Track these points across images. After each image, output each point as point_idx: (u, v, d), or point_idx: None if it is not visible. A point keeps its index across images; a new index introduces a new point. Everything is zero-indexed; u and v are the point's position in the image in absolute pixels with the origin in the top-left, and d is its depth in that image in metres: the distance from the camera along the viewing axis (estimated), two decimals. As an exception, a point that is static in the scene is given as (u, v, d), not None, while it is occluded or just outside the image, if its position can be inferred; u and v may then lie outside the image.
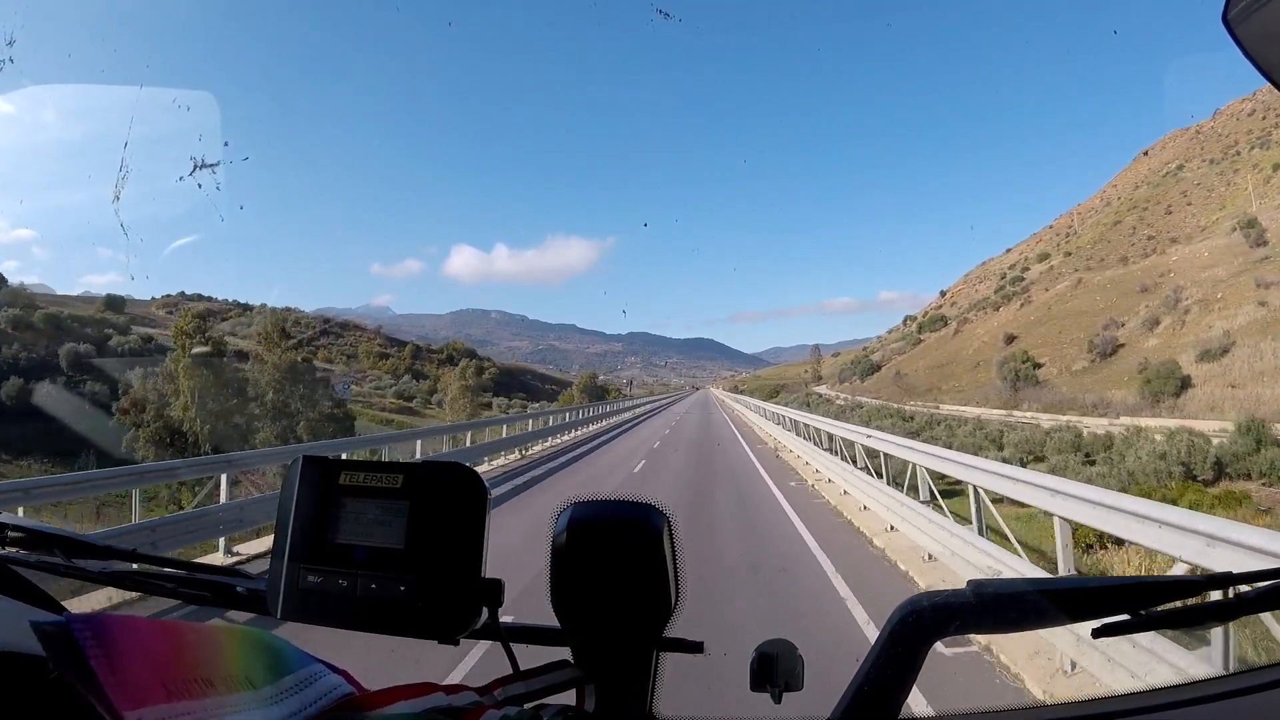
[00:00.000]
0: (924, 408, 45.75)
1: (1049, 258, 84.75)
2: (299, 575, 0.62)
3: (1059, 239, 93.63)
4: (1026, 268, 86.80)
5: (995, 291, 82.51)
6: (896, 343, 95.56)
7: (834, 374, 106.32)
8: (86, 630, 0.42)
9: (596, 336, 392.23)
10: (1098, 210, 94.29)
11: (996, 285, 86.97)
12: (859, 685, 0.57)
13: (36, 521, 0.83)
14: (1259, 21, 0.56)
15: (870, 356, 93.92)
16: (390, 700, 0.55)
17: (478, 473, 0.64)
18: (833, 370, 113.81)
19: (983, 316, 75.08)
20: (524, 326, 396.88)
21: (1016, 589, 0.60)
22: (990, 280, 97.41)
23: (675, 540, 0.69)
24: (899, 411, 40.21)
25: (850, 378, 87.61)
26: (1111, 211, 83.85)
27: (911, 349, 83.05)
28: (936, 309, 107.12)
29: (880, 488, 8.73)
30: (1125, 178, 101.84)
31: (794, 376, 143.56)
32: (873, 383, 75.63)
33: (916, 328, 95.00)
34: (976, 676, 4.13)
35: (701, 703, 3.31)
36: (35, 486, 6.75)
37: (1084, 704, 0.61)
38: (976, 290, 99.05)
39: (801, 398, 67.31)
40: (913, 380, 63.28)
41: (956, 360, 62.38)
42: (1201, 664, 2.99)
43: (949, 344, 71.87)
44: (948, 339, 75.42)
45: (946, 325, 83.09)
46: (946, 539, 6.03)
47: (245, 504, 8.05)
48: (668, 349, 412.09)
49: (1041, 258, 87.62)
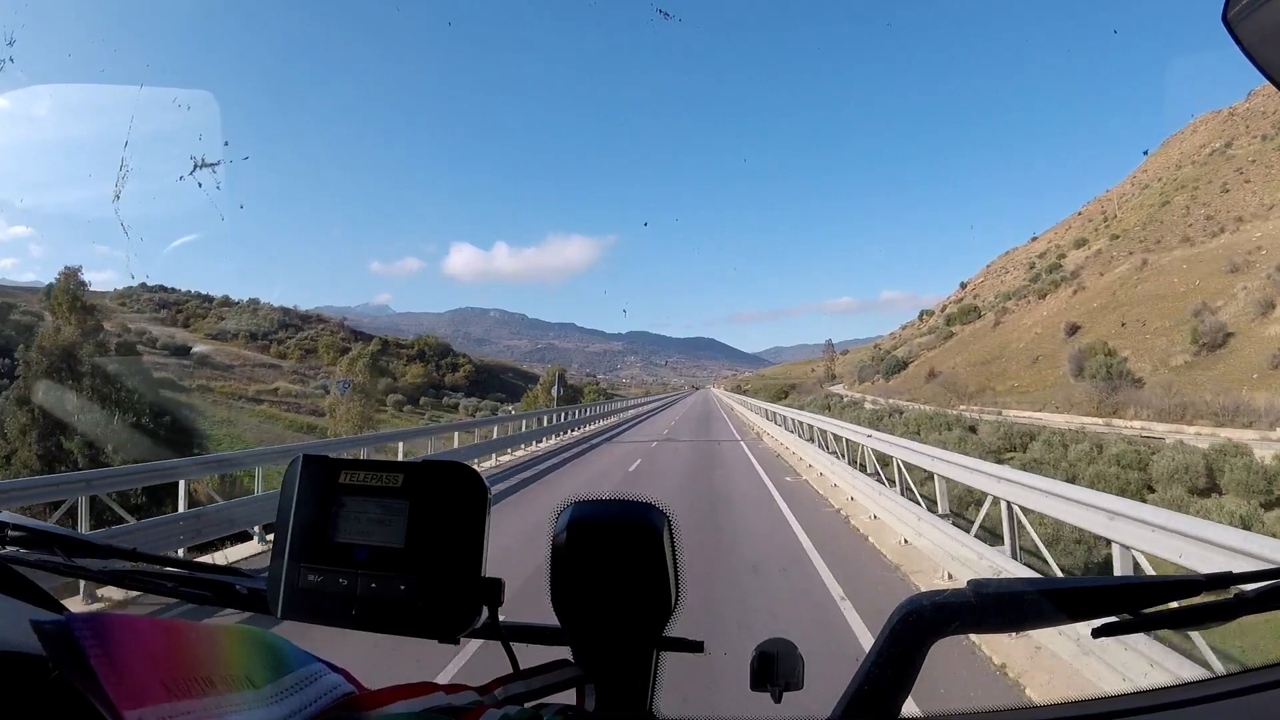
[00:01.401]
0: (983, 413, 35.83)
1: (1087, 243, 77.48)
2: (299, 574, 0.62)
3: (1094, 224, 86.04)
4: (1063, 254, 79.17)
5: (1030, 280, 75.02)
6: (922, 337, 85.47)
7: (849, 372, 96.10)
8: (87, 629, 0.42)
9: (596, 335, 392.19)
10: (1133, 193, 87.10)
11: (1028, 274, 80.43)
12: (859, 684, 0.57)
13: (36, 520, 0.83)
14: (1259, 21, 0.56)
15: (893, 352, 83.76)
16: (390, 699, 0.55)
17: (478, 472, 0.64)
18: (847, 368, 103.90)
19: (1025, 306, 67.27)
20: (523, 325, 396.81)
21: (1016, 589, 0.60)
22: (1017, 270, 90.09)
23: (675, 539, 0.69)
24: (958, 419, 29.47)
25: (872, 376, 77.68)
26: (1155, 193, 76.43)
27: (943, 344, 74.04)
28: (957, 300, 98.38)
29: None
30: (1157, 161, 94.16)
31: (800, 375, 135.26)
32: (900, 382, 66.31)
33: (945, 320, 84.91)
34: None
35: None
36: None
37: (1084, 704, 0.61)
38: (1002, 281, 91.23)
39: (819, 399, 59.10)
40: (954, 379, 53.97)
41: (1005, 355, 54.17)
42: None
43: (989, 337, 63.40)
44: (986, 331, 67.01)
45: (980, 317, 74.94)
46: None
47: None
48: (668, 348, 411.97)
49: (1079, 243, 79.90)
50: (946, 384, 52.65)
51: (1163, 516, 3.72)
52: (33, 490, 6.63)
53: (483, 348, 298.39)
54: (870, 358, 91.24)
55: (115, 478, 7.15)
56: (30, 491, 6.55)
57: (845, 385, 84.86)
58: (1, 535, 0.78)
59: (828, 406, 46.41)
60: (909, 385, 61.13)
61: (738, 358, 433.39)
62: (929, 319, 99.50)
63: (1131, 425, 28.99)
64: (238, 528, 7.67)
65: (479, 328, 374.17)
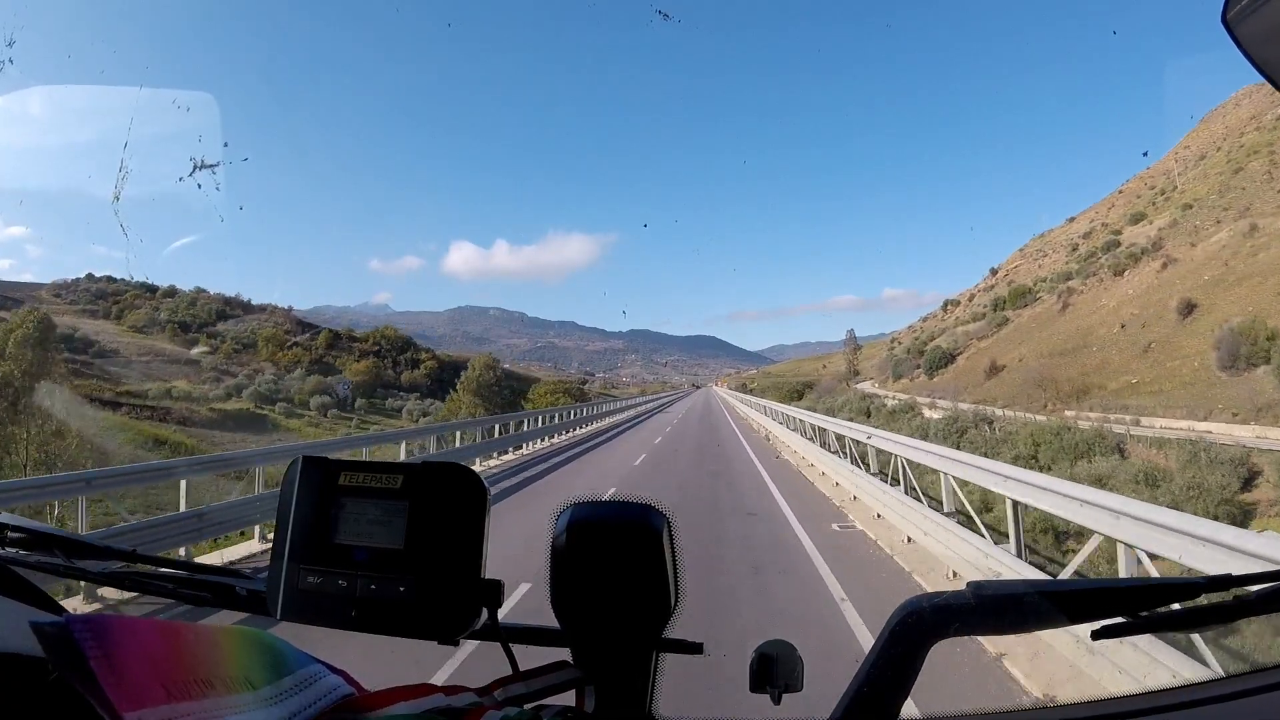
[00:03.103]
0: (1106, 420, 25.77)
1: (1146, 217, 67.12)
2: (299, 576, 0.63)
3: (1146, 199, 75.97)
4: (1117, 231, 68.65)
5: (1083, 260, 64.01)
6: (965, 325, 69.90)
7: (876, 368, 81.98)
8: (86, 631, 0.42)
9: (597, 334, 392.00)
10: (1186, 164, 77.05)
11: (1073, 255, 70.61)
12: (858, 686, 0.57)
13: (36, 522, 0.83)
14: (1258, 21, 0.56)
15: (926, 345, 69.76)
16: (390, 701, 0.55)
17: (477, 473, 0.64)
18: (870, 363, 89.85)
19: (1097, 286, 56.15)
20: (523, 324, 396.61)
21: (1016, 590, 0.60)
22: (1057, 252, 79.60)
23: (675, 541, 0.69)
24: (1099, 437, 19.28)
25: (909, 372, 64.33)
26: (1221, 161, 68.66)
27: (995, 332, 61.22)
28: (988, 288, 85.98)
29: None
30: (1201, 136, 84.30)
31: (811, 372, 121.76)
32: (951, 377, 54.04)
33: (991, 305, 70.04)
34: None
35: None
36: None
37: (1084, 705, 0.61)
38: (1040, 265, 79.93)
39: (853, 400, 47.46)
40: (1025, 374, 41.88)
41: (1093, 343, 43.28)
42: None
43: (1059, 322, 52.16)
44: (1052, 316, 55.12)
45: (1036, 301, 62.58)
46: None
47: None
48: (669, 346, 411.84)
49: (1135, 219, 68.78)
50: (1038, 380, 38.92)
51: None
52: (33, 490, 6.67)
53: (482, 346, 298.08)
54: (906, 350, 74.32)
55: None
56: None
57: (877, 383, 70.32)
58: (1, 536, 0.78)
59: (867, 411, 36.79)
60: (962, 381, 49.04)
61: (740, 356, 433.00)
62: (954, 309, 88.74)
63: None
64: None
65: (478, 326, 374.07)
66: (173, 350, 63.54)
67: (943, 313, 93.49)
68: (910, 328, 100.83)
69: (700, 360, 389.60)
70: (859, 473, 10.81)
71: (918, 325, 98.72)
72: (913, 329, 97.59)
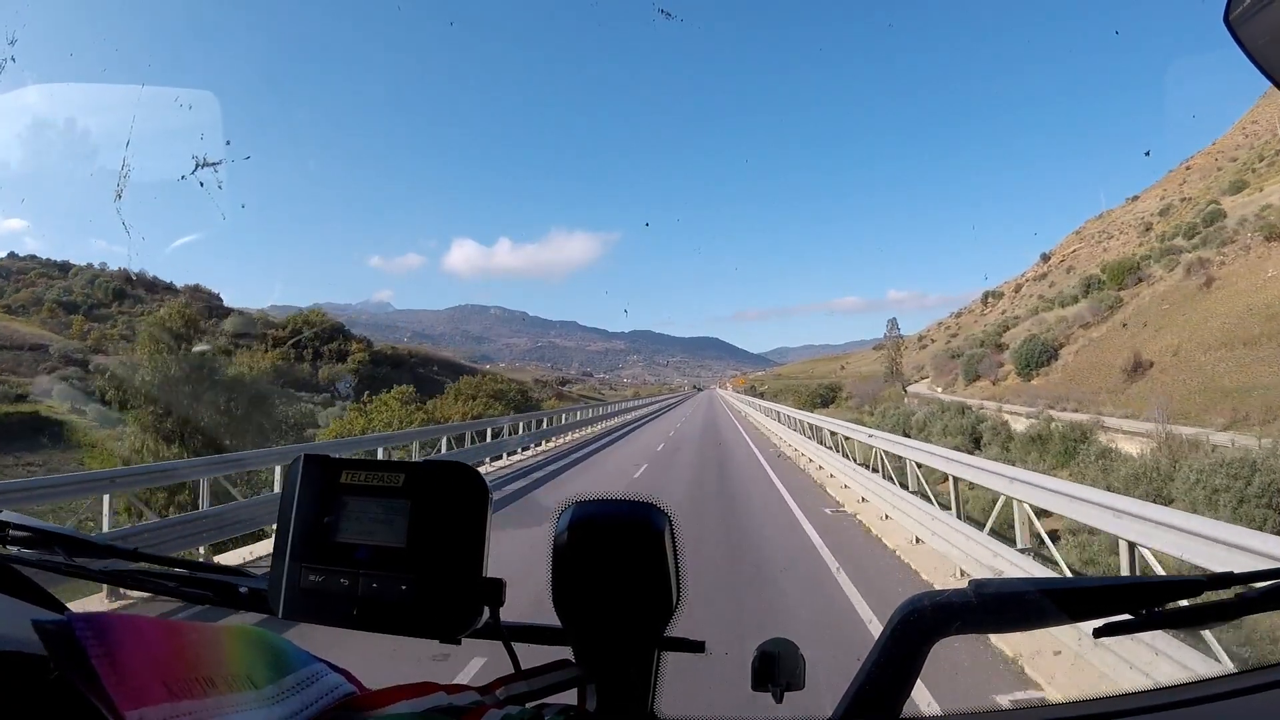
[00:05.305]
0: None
1: (1248, 186, 51.86)
2: (300, 574, 0.63)
3: (1242, 166, 60.25)
4: (1214, 201, 50.98)
5: (1183, 235, 45.11)
6: (1063, 309, 45.56)
7: (913, 369, 61.49)
8: (88, 629, 0.42)
9: (598, 334, 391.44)
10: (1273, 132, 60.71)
11: (1145, 232, 58.20)
12: (860, 685, 0.57)
13: (38, 520, 0.83)
14: (1261, 22, 0.56)
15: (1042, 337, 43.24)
16: (392, 700, 0.55)
17: (479, 472, 0.64)
18: (918, 361, 65.99)
19: (1239, 256, 34.83)
20: (524, 323, 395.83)
21: (1018, 588, 0.60)
22: (1124, 233, 66.56)
23: (677, 539, 0.69)
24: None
25: (990, 372, 44.04)
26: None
27: (1108, 317, 40.20)
28: (1039, 276, 73.19)
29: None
30: (1268, 110, 68.66)
31: (826, 373, 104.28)
32: (1056, 379, 36.54)
33: (1083, 289, 48.23)
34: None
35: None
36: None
37: (1085, 704, 0.61)
38: (1107, 248, 65.49)
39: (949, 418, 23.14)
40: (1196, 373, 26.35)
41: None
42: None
43: (1207, 303, 32.68)
44: (1191, 295, 34.60)
45: (1149, 279, 41.33)
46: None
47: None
48: (671, 347, 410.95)
49: (1237, 187, 53.83)
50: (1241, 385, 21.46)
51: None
52: (62, 488, 6.74)
53: (482, 345, 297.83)
54: (984, 343, 50.29)
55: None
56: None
57: (940, 386, 48.69)
58: (3, 535, 0.78)
59: (976, 438, 20.42)
60: (1081, 382, 33.06)
61: (742, 357, 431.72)
62: (996, 303, 76.48)
63: None
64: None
65: (478, 325, 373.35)
66: (47, 336, 53.80)
67: (983, 306, 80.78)
68: (940, 324, 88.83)
69: (703, 362, 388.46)
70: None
71: (950, 321, 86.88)
72: (944, 325, 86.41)
